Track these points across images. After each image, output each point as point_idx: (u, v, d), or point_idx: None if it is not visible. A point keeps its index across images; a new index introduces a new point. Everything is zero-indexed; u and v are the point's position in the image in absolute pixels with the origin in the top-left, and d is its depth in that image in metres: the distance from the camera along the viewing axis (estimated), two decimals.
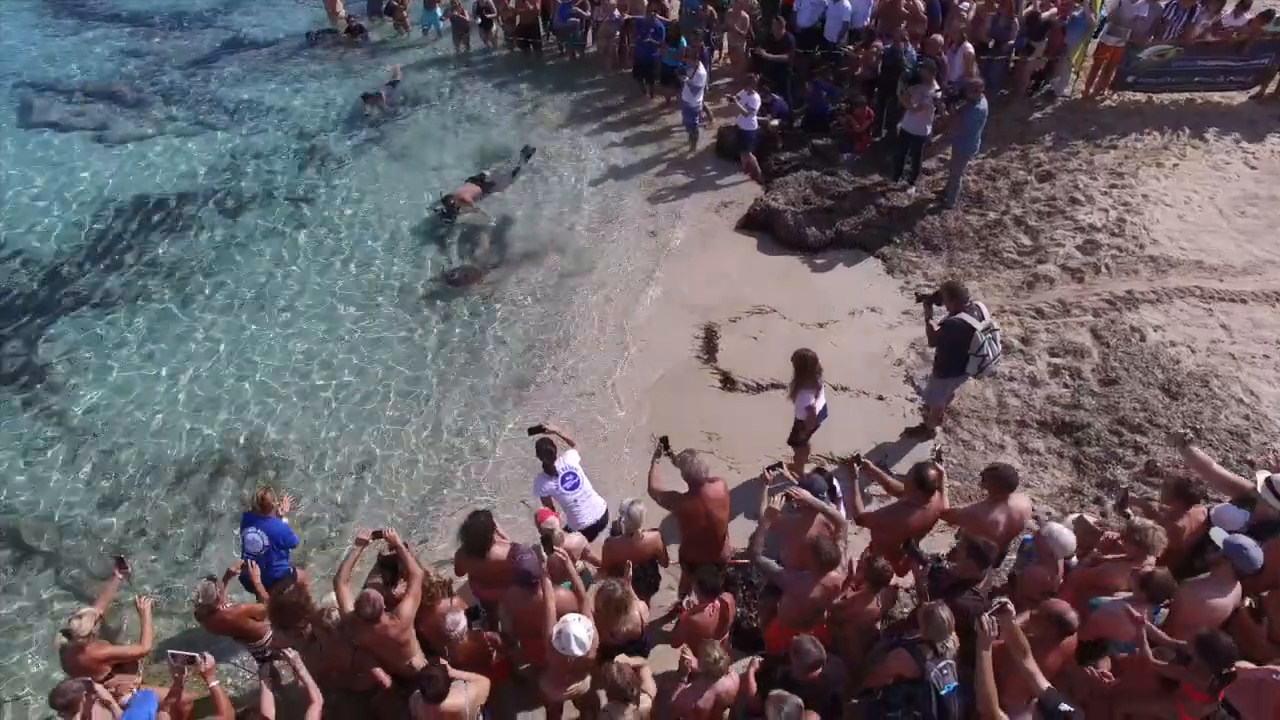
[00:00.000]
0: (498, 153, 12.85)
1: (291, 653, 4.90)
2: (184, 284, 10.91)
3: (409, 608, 5.36)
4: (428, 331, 9.88)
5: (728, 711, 5.13)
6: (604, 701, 5.87)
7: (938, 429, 8.01)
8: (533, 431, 6.84)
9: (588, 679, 5.55)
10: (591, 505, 6.63)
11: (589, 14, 14.58)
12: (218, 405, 9.23)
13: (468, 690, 5.00)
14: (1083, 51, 11.80)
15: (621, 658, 5.09)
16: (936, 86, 10.06)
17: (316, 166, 13.06)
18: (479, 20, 15.58)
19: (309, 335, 10.01)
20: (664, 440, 6.40)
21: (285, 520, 6.63)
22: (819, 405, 7.19)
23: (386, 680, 5.50)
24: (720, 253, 10.63)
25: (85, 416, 9.21)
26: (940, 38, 10.57)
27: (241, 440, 8.79)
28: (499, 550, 5.74)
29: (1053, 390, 8.19)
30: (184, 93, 15.19)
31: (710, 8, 13.71)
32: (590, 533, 6.61)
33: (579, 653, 5.00)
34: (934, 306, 7.31)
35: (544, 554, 5.49)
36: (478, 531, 5.63)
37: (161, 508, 8.23)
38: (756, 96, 11.18)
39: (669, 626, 6.49)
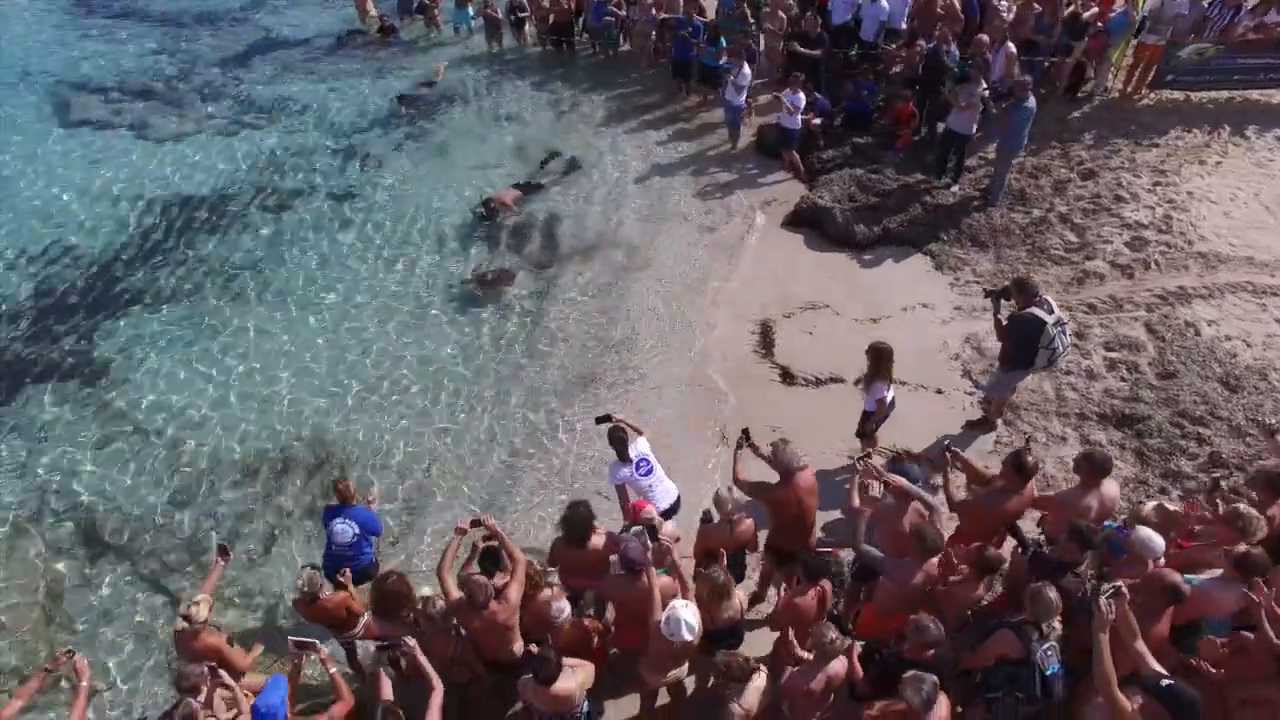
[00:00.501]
0: (538, 152, 12.95)
1: (411, 641, 5.01)
2: (234, 281, 10.99)
3: (515, 593, 5.47)
4: (484, 328, 9.97)
5: (832, 695, 5.25)
6: (689, 690, 6.07)
7: (999, 422, 8.15)
8: (600, 421, 6.99)
9: (686, 665, 5.68)
10: (665, 490, 6.73)
11: (624, 13, 14.69)
12: (276, 402, 9.30)
13: (576, 675, 5.12)
14: (1123, 50, 11.95)
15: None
16: (984, 85, 10.20)
17: (357, 165, 13.14)
18: (511, 19, 15.69)
19: (362, 333, 10.08)
20: (745, 432, 6.54)
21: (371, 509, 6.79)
22: (889, 397, 7.35)
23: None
24: (769, 249, 10.76)
25: (147, 413, 9.27)
26: (986, 37, 10.72)
27: (303, 437, 8.85)
28: (596, 540, 5.87)
29: (1110, 384, 8.33)
30: (219, 91, 15.27)
31: (745, 6, 13.84)
32: (663, 518, 6.73)
33: (689, 638, 5.11)
34: (1001, 301, 7.45)
35: (648, 542, 5.60)
36: (578, 522, 5.76)
37: (230, 504, 8.30)
38: (801, 95, 11.30)
39: (750, 615, 6.63)
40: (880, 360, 7.16)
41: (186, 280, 11.06)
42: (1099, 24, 11.52)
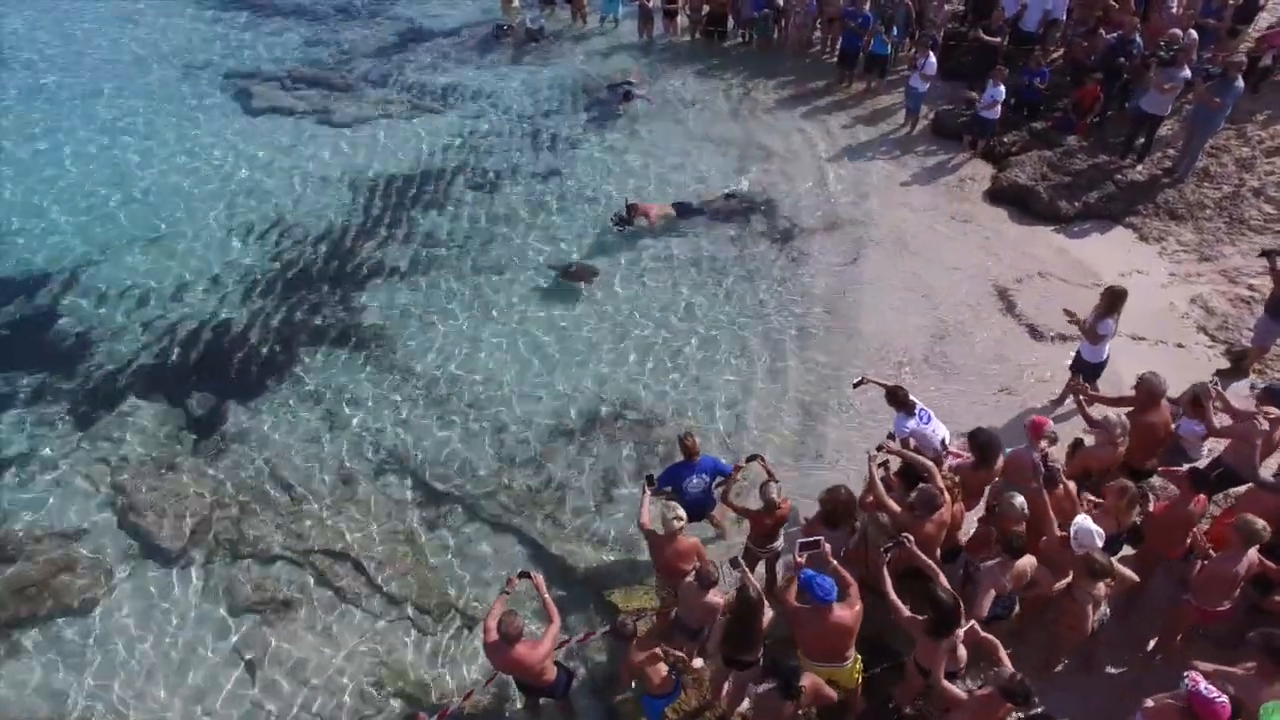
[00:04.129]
0: (727, 137, 13.61)
1: (910, 538, 5.72)
2: (469, 253, 11.63)
3: (949, 496, 6.22)
4: (733, 306, 10.57)
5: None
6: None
7: (1251, 370, 8.97)
8: (857, 384, 7.77)
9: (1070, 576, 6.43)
10: (941, 434, 7.46)
11: (781, 3, 15.42)
12: (560, 365, 9.90)
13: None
14: None
15: None
16: (1187, 69, 11.03)
17: (549, 147, 13.77)
18: (663, 9, 16.33)
19: (614, 303, 10.71)
20: (1079, 378, 7.39)
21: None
22: (1105, 350, 8.18)
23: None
24: (981, 223, 11.53)
25: (435, 375, 9.86)
26: (1178, 31, 11.51)
27: (601, 397, 9.45)
28: (1000, 463, 6.64)
29: None
30: (386, 79, 15.84)
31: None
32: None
33: (1099, 543, 5.86)
34: (1276, 257, 8.27)
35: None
36: (991, 444, 6.52)
37: (552, 460, 8.83)
38: (1002, 88, 12.05)
39: None
40: (1115, 300, 7.92)
41: (423, 254, 11.66)
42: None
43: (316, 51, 16.82)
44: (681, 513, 6.06)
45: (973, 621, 5.34)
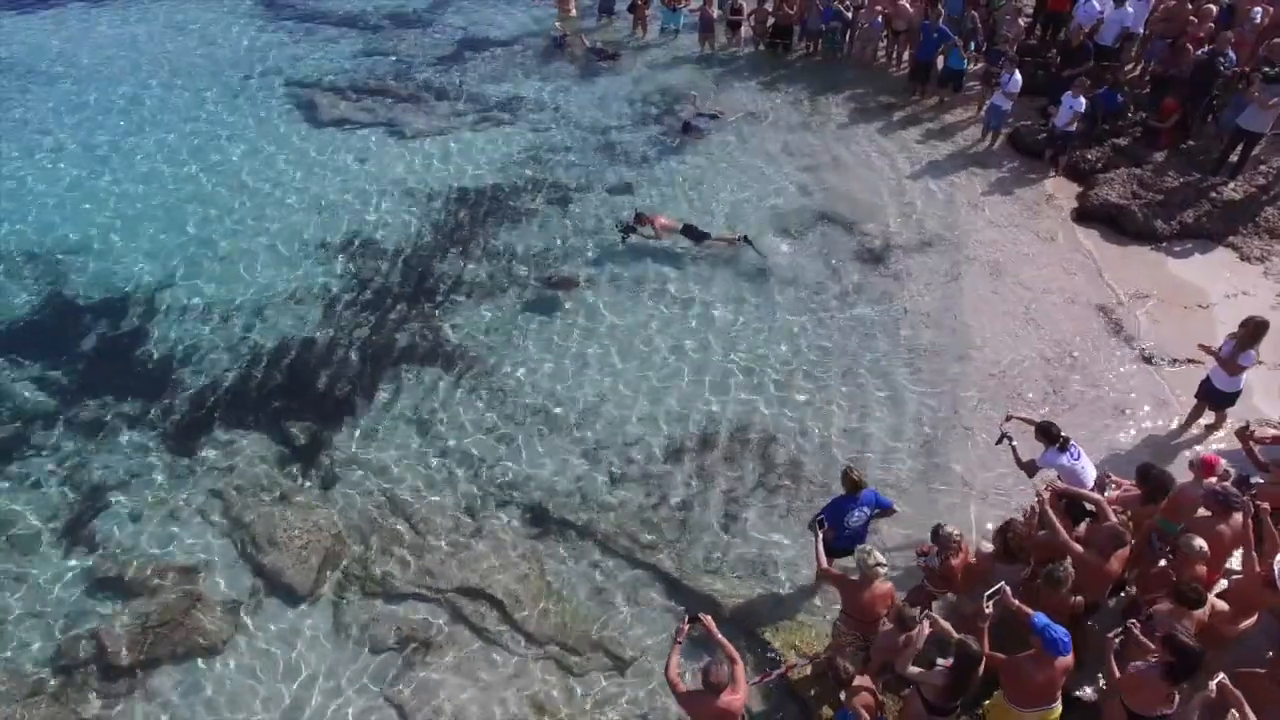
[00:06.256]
0: (803, 152, 13.45)
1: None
2: (556, 269, 11.36)
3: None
4: (835, 326, 10.41)
5: None
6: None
7: None
8: (1006, 420, 7.62)
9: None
10: (1090, 471, 7.39)
11: (851, 16, 15.29)
12: (667, 388, 9.73)
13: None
14: None
15: None
16: None
17: (623, 161, 13.57)
18: (727, 20, 16.16)
19: (714, 323, 10.54)
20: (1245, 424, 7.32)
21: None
22: (1242, 380, 8.12)
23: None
24: (1074, 243, 11.42)
25: (535, 395, 9.70)
26: None
27: (712, 417, 9.33)
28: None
29: None
30: (449, 89, 15.64)
31: (973, 11, 14.48)
32: None
33: None
34: None
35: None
36: (1164, 480, 6.43)
37: (675, 487, 8.66)
38: (1083, 99, 11.95)
39: None
40: (1258, 331, 7.86)
41: (504, 268, 11.51)
42: None
43: (375, 62, 16.57)
44: (880, 557, 5.94)
45: (1221, 675, 5.21)
